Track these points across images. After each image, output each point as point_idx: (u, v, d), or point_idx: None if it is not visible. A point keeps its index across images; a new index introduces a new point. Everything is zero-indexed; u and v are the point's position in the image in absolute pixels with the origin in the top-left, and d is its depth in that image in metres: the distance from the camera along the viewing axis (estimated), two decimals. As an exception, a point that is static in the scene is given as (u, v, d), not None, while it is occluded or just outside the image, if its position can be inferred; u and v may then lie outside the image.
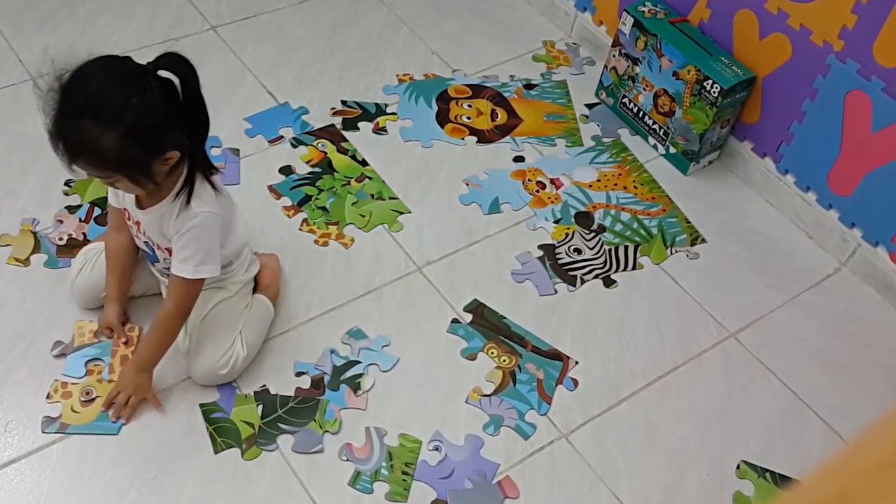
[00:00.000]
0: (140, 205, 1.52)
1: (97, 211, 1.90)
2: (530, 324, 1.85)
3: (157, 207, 1.50)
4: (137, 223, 1.56)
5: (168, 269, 1.62)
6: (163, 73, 1.34)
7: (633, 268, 2.00)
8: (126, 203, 1.57)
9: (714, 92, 2.04)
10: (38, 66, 2.18)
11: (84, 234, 1.85)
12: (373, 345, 1.77)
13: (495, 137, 2.24)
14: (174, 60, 1.35)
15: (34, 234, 1.84)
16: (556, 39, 2.53)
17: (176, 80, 1.35)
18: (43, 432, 1.56)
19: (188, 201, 1.47)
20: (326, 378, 1.70)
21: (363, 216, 2.00)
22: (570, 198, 2.11)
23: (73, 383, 1.62)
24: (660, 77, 2.16)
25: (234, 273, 1.67)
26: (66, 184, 1.94)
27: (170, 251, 1.54)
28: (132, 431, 1.58)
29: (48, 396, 1.60)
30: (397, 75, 2.35)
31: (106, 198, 1.91)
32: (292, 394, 1.67)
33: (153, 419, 1.60)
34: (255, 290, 1.75)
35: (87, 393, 1.62)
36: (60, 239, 1.84)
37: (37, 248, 1.82)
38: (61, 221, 1.87)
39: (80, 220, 1.88)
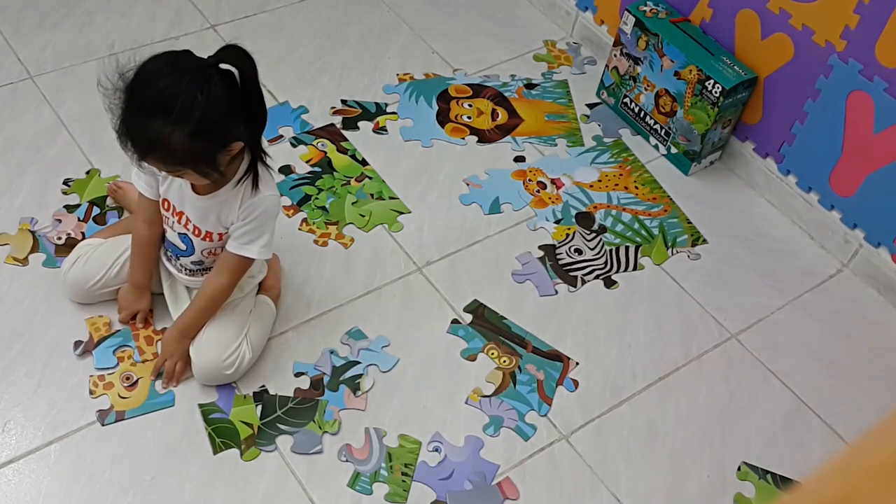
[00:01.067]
0: (197, 192, 1.54)
1: (96, 210, 1.89)
2: (531, 324, 1.84)
3: (218, 194, 1.52)
4: (180, 213, 1.57)
5: (198, 262, 1.63)
6: (223, 66, 1.37)
7: (634, 268, 1.99)
8: (170, 193, 1.57)
9: (716, 92, 2.04)
10: (37, 63, 2.18)
11: (83, 234, 1.84)
12: (372, 345, 1.76)
13: (496, 137, 2.23)
14: (234, 53, 1.37)
15: (32, 233, 1.84)
16: (557, 39, 2.53)
17: (236, 73, 1.37)
18: (102, 425, 1.57)
19: (255, 186, 1.51)
20: (326, 379, 1.70)
21: (363, 216, 1.99)
22: (570, 198, 2.10)
23: (109, 374, 1.64)
24: (661, 77, 2.15)
25: (251, 272, 1.67)
26: (65, 183, 1.93)
27: (220, 237, 1.57)
28: (131, 431, 1.58)
29: (91, 392, 1.61)
30: (398, 74, 2.34)
31: (104, 197, 1.92)
32: (291, 394, 1.66)
33: (153, 419, 1.60)
34: (258, 292, 1.75)
35: (128, 378, 1.64)
36: (59, 238, 1.83)
37: (35, 248, 1.81)
38: (60, 220, 1.87)
39: (79, 220, 1.87)
